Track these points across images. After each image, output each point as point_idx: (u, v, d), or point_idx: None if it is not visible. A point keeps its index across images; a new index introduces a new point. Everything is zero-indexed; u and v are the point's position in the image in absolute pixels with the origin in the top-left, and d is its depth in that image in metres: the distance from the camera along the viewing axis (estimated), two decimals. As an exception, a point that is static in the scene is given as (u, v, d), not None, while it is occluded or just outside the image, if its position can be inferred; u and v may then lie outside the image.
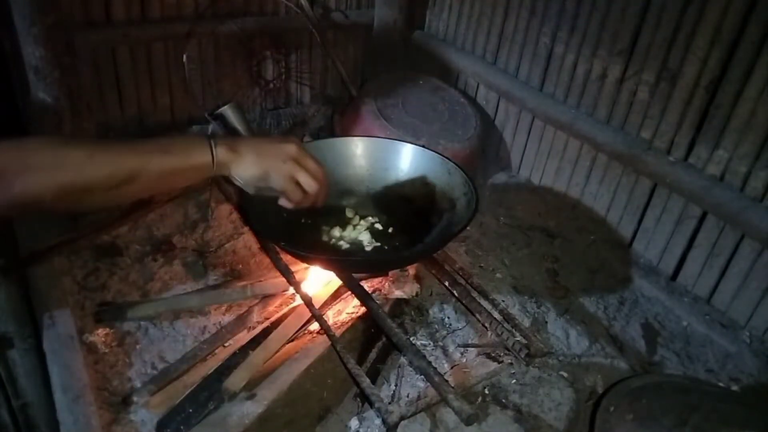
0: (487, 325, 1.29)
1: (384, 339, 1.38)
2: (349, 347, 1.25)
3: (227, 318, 1.47)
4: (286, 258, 1.40)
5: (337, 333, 1.30)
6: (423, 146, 1.47)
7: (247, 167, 1.01)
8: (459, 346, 1.44)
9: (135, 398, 1.23)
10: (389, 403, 1.23)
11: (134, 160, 0.89)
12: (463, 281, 1.41)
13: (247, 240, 1.70)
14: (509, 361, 1.35)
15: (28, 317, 1.42)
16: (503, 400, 1.31)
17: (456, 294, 1.36)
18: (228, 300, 1.49)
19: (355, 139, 1.52)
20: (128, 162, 0.88)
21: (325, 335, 1.27)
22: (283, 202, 1.11)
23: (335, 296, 1.47)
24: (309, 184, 1.08)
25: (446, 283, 1.39)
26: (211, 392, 1.20)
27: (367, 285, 1.43)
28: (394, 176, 1.49)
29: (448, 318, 1.52)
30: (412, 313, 1.52)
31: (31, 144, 0.85)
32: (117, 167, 0.87)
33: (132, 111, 2.10)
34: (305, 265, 1.45)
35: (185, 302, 1.45)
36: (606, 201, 1.98)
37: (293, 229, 1.38)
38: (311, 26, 2.22)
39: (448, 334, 1.48)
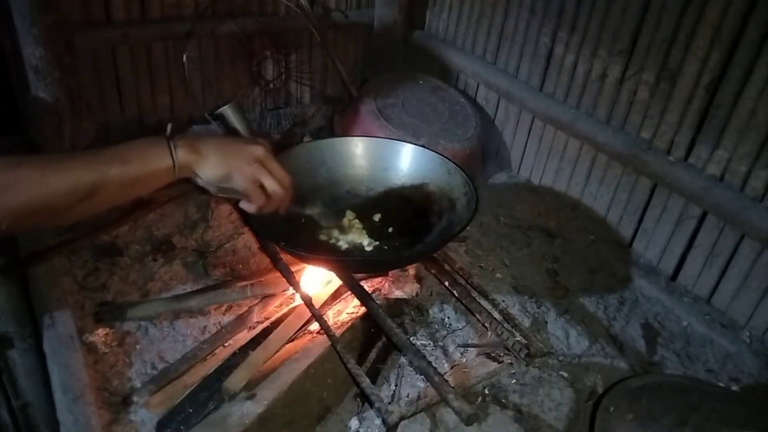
0: (487, 325, 1.29)
1: (384, 339, 1.38)
2: (349, 347, 1.25)
3: (227, 318, 1.47)
4: (286, 258, 1.40)
5: (337, 333, 1.30)
6: (423, 146, 1.48)
7: (210, 168, 0.97)
8: (459, 346, 1.44)
9: (135, 398, 1.23)
10: (389, 403, 1.23)
11: (91, 175, 0.86)
12: (463, 281, 1.41)
13: (247, 240, 1.70)
14: (509, 361, 1.36)
15: (28, 317, 1.42)
16: (503, 400, 1.31)
17: (456, 294, 1.36)
18: (228, 300, 1.49)
19: (355, 139, 1.52)
20: (85, 177, 0.85)
21: (325, 335, 1.27)
22: (244, 204, 1.08)
23: (335, 296, 1.47)
24: (273, 188, 1.04)
25: (446, 283, 1.39)
26: (211, 392, 1.20)
27: (367, 285, 1.43)
28: (394, 176, 1.49)
29: (448, 318, 1.52)
30: (412, 313, 1.52)
31: None
32: (74, 184, 0.84)
33: (132, 111, 2.10)
34: (305, 265, 1.45)
35: (185, 302, 1.45)
36: (606, 201, 1.98)
37: (293, 229, 1.39)
38: (311, 26, 2.22)
39: (448, 334, 1.48)
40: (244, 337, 1.39)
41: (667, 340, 1.62)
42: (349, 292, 1.38)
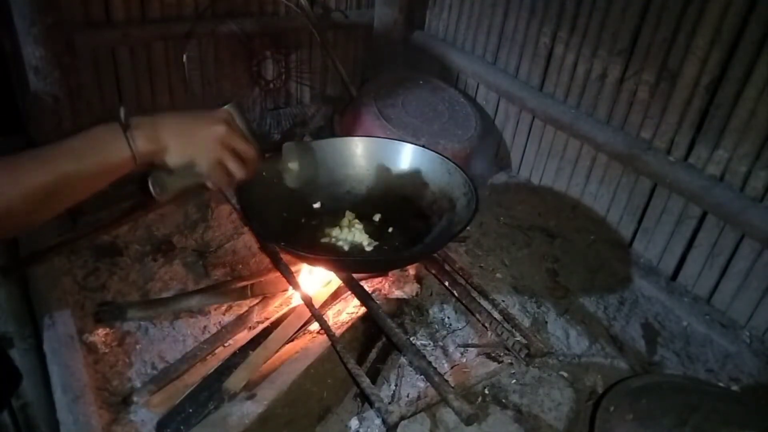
0: (487, 325, 1.29)
1: (384, 339, 1.38)
2: (349, 347, 1.25)
3: (227, 318, 1.47)
4: (286, 258, 1.40)
5: (337, 333, 1.30)
6: (423, 146, 1.47)
7: (172, 156, 0.92)
8: (459, 346, 1.44)
9: (135, 398, 1.23)
10: (389, 403, 1.23)
11: (45, 177, 0.80)
12: (463, 281, 1.41)
13: (247, 240, 1.70)
14: (509, 361, 1.36)
15: (28, 317, 1.42)
16: (503, 400, 1.31)
17: (456, 294, 1.36)
18: (228, 300, 1.49)
19: (355, 139, 1.52)
20: (39, 179, 0.80)
21: (325, 335, 1.27)
22: (209, 184, 1.03)
23: (335, 296, 1.47)
24: (237, 170, 0.99)
25: (446, 283, 1.39)
26: (211, 392, 1.20)
27: (367, 285, 1.43)
28: (394, 176, 1.49)
29: (448, 318, 1.52)
30: (412, 313, 1.52)
31: None
32: (29, 188, 0.79)
33: (132, 111, 2.09)
34: (305, 265, 1.45)
35: (185, 302, 1.45)
36: (606, 201, 1.98)
37: (293, 229, 1.38)
38: (311, 26, 2.22)
39: (448, 334, 1.48)
40: (244, 337, 1.39)
41: (667, 340, 1.62)
42: (349, 292, 1.38)
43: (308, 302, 1.30)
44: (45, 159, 0.82)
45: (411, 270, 1.55)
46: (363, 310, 1.40)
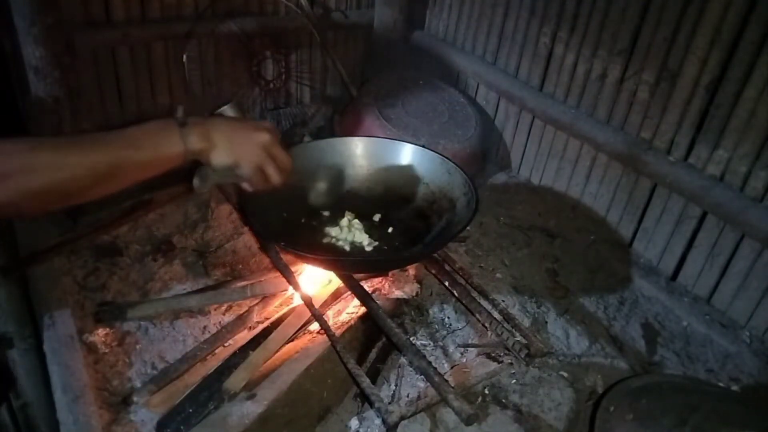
0: (487, 325, 1.29)
1: (384, 339, 1.38)
2: (349, 347, 1.25)
3: (227, 318, 1.47)
4: (286, 258, 1.40)
5: (337, 333, 1.30)
6: (423, 146, 1.48)
7: (219, 156, 1.00)
8: (459, 346, 1.44)
9: (135, 398, 1.23)
10: (389, 403, 1.23)
11: (106, 158, 0.88)
12: (463, 281, 1.41)
13: (247, 240, 1.70)
14: (509, 361, 1.36)
15: (28, 317, 1.42)
16: (503, 400, 1.31)
17: (456, 294, 1.36)
18: (228, 300, 1.49)
19: (355, 139, 1.52)
20: (101, 160, 0.87)
21: (325, 335, 1.27)
22: (245, 185, 1.10)
23: (335, 296, 1.47)
24: (274, 176, 1.07)
25: (446, 283, 1.39)
26: (211, 392, 1.20)
27: (367, 285, 1.43)
28: (394, 176, 1.49)
29: (448, 318, 1.52)
30: (412, 313, 1.52)
31: (3, 149, 0.82)
32: (90, 167, 0.86)
33: (132, 111, 2.10)
34: (305, 265, 1.45)
35: (185, 302, 1.45)
36: (606, 201, 1.98)
37: (293, 229, 1.39)
38: (311, 26, 2.22)
39: (448, 334, 1.48)
40: (244, 337, 1.39)
41: (667, 340, 1.62)
42: (349, 292, 1.38)
43: (308, 302, 1.30)
44: (106, 142, 0.90)
45: (411, 270, 1.55)
46: (363, 310, 1.40)
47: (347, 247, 1.38)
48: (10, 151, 0.82)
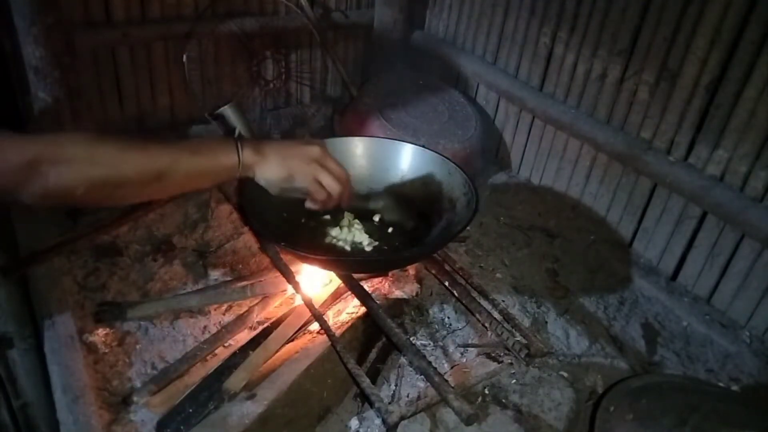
0: (487, 325, 1.29)
1: (384, 339, 1.38)
2: (349, 347, 1.25)
3: (227, 318, 1.47)
4: (286, 258, 1.40)
5: (337, 333, 1.30)
6: (423, 146, 1.47)
7: (272, 169, 1.04)
8: (459, 346, 1.44)
9: (135, 398, 1.22)
10: (389, 403, 1.23)
11: (164, 159, 0.92)
12: (463, 281, 1.41)
13: (247, 240, 1.70)
14: (509, 361, 1.36)
15: (28, 317, 1.42)
16: (503, 400, 1.31)
17: (456, 294, 1.36)
18: (228, 300, 1.49)
19: (355, 139, 1.52)
20: (158, 161, 0.92)
21: (325, 335, 1.27)
22: (308, 203, 1.16)
23: (335, 296, 1.47)
24: (331, 185, 1.11)
25: (446, 283, 1.39)
26: (211, 392, 1.20)
27: (367, 285, 1.43)
28: (394, 176, 1.49)
29: (448, 318, 1.52)
30: (412, 313, 1.52)
31: (66, 137, 0.88)
32: (147, 165, 0.90)
33: (132, 111, 2.10)
34: (305, 265, 1.45)
35: (185, 302, 1.45)
36: (606, 201, 1.98)
37: (293, 229, 1.38)
38: (311, 26, 2.22)
39: (448, 334, 1.48)
40: (244, 337, 1.39)
41: (667, 340, 1.62)
42: (349, 292, 1.38)
43: (308, 302, 1.30)
44: (167, 145, 0.95)
45: (411, 270, 1.55)
46: (363, 310, 1.40)
47: (347, 247, 1.38)
48: (76, 139, 0.87)
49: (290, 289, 1.43)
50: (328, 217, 1.44)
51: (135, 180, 0.90)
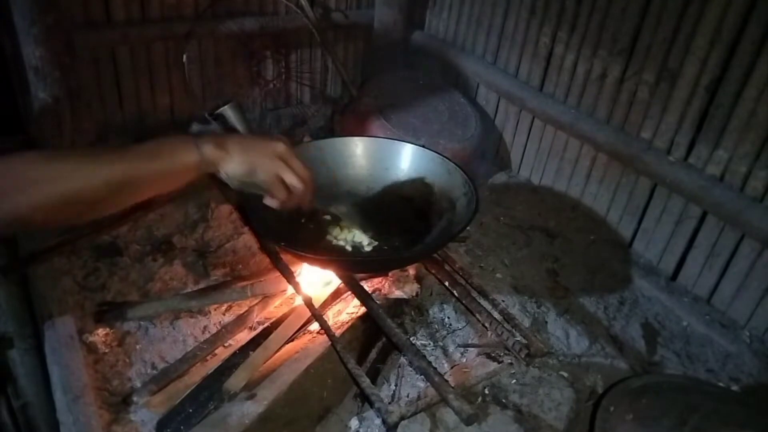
0: (487, 325, 1.29)
1: (384, 339, 1.38)
2: (349, 347, 1.25)
3: (227, 318, 1.47)
4: (286, 258, 1.40)
5: (337, 333, 1.30)
6: (423, 146, 1.47)
7: (235, 164, 1.01)
8: (459, 346, 1.44)
9: (135, 398, 1.23)
10: (389, 403, 1.23)
11: (122, 168, 0.88)
12: (463, 281, 1.41)
13: (247, 240, 1.70)
14: (509, 361, 1.36)
15: (28, 317, 1.42)
16: (503, 400, 1.31)
17: (456, 294, 1.36)
18: (228, 300, 1.49)
19: (355, 139, 1.52)
20: (116, 171, 0.88)
21: (325, 335, 1.27)
22: (268, 200, 1.11)
23: (335, 296, 1.47)
24: (294, 184, 1.07)
25: (446, 283, 1.39)
26: (211, 392, 1.20)
27: (367, 285, 1.43)
28: (394, 176, 1.49)
29: (448, 318, 1.52)
30: (412, 313, 1.52)
31: (16, 161, 0.82)
32: (106, 177, 0.86)
33: (132, 111, 2.10)
34: (305, 265, 1.45)
35: (185, 302, 1.45)
36: (606, 201, 1.98)
37: (293, 230, 1.38)
38: (311, 26, 2.22)
39: (448, 334, 1.48)
40: (244, 337, 1.39)
41: (667, 340, 1.62)
42: (349, 292, 1.38)
43: (308, 302, 1.30)
44: (121, 153, 0.90)
45: (411, 270, 1.55)
46: (363, 310, 1.40)
47: (347, 247, 1.38)
48: (29, 159, 0.83)
49: (290, 289, 1.43)
50: (328, 217, 1.44)
51: (95, 195, 0.86)
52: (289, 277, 1.36)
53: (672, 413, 1.24)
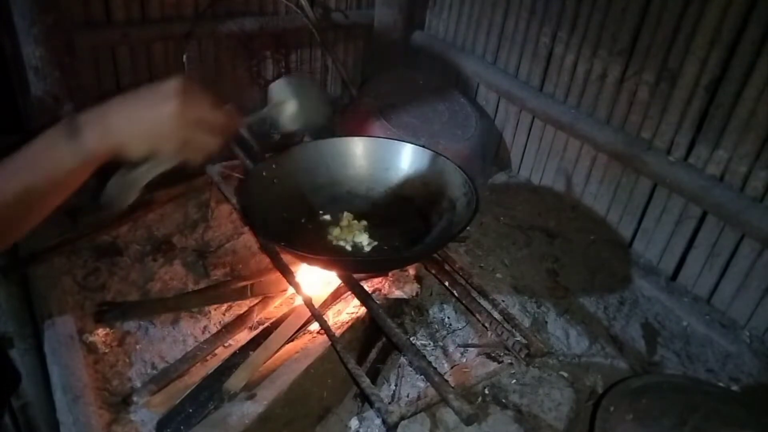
0: (487, 325, 1.29)
1: (384, 339, 1.38)
2: (349, 347, 1.25)
3: (227, 318, 1.47)
4: (286, 258, 1.40)
5: (337, 333, 1.30)
6: (423, 146, 1.47)
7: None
8: (459, 346, 1.44)
9: (135, 398, 1.23)
10: (389, 403, 1.23)
11: (12, 190, 0.74)
12: (463, 281, 1.41)
13: (247, 240, 1.70)
14: (509, 361, 1.35)
15: (28, 317, 1.42)
16: (503, 400, 1.31)
17: (456, 294, 1.36)
18: (228, 300, 1.49)
19: (355, 139, 1.52)
20: (6, 195, 0.73)
21: (325, 335, 1.27)
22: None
23: (335, 296, 1.47)
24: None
25: (446, 283, 1.39)
26: (212, 392, 1.20)
27: (367, 285, 1.43)
28: (394, 176, 1.49)
29: (448, 318, 1.52)
30: (412, 313, 1.52)
31: None
32: None
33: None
34: (305, 265, 1.45)
35: (185, 302, 1.45)
36: (606, 201, 1.98)
37: (293, 229, 1.39)
38: (311, 26, 2.22)
39: (448, 334, 1.48)
40: (244, 337, 1.39)
41: (667, 340, 1.62)
42: (349, 292, 1.38)
43: (308, 302, 1.30)
44: (10, 172, 0.75)
45: (411, 270, 1.55)
46: (363, 310, 1.40)
47: (347, 247, 1.38)
48: None
49: (290, 289, 1.43)
50: (328, 217, 1.44)
51: None
52: (289, 277, 1.36)
53: (672, 413, 1.24)
